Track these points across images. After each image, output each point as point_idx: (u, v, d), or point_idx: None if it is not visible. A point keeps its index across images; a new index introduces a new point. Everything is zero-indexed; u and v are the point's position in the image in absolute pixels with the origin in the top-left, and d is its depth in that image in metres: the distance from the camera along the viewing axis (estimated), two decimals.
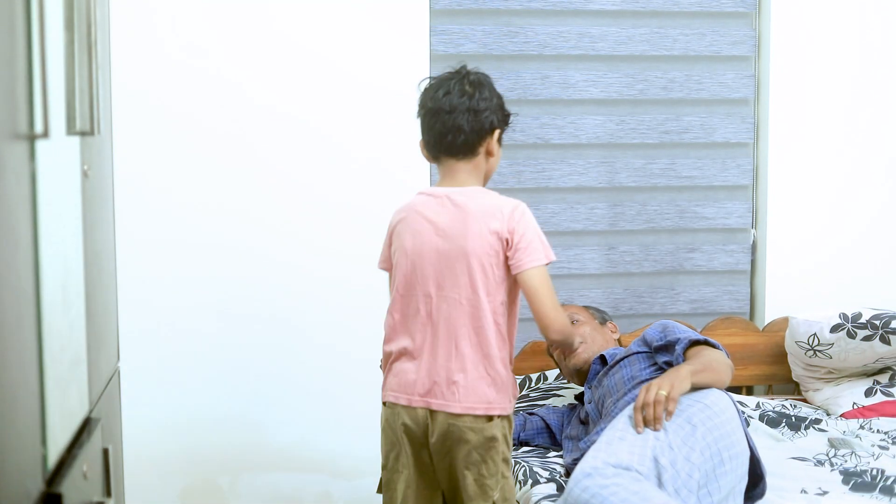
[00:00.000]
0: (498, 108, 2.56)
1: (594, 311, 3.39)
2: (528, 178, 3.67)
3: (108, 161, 2.51)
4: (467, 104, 2.51)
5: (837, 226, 3.79)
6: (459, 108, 2.50)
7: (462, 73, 2.57)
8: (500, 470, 2.47)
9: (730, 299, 3.81)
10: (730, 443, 2.59)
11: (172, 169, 3.40)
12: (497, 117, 2.55)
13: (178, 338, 3.44)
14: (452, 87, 2.53)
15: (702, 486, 2.52)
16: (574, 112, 3.69)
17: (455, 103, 2.51)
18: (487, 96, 2.54)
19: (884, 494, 2.75)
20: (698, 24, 3.73)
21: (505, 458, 2.50)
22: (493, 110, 2.54)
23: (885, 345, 3.39)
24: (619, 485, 2.33)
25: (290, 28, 3.43)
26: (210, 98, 3.40)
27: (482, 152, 2.55)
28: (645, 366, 2.95)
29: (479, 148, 2.54)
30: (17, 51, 1.45)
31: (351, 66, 3.48)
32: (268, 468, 3.53)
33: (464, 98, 2.51)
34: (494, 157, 2.58)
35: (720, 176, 3.77)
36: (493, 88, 2.57)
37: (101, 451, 2.06)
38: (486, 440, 2.44)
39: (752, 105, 3.79)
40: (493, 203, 2.50)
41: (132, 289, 3.29)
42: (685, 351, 2.88)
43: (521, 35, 3.63)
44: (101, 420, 2.09)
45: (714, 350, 2.86)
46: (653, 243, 3.77)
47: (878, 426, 3.34)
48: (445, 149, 2.53)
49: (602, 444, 2.51)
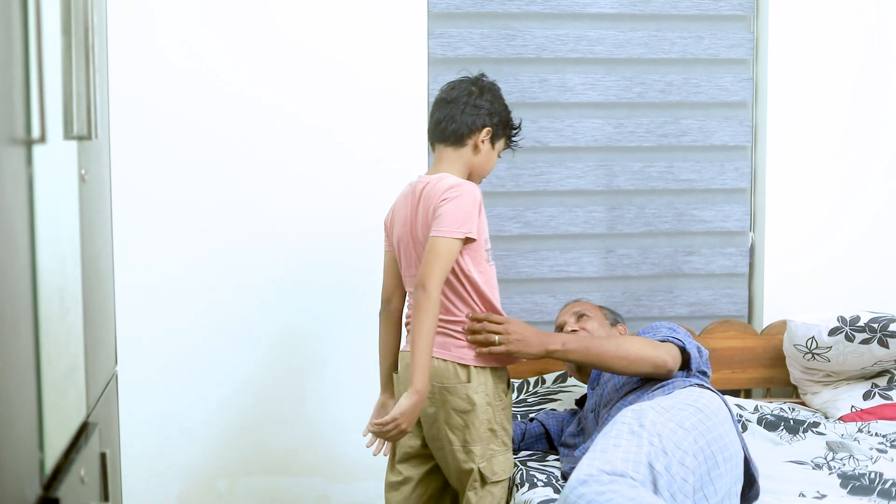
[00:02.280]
0: (496, 113, 2.77)
1: (608, 312, 3.38)
2: (527, 182, 3.66)
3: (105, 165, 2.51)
4: (466, 99, 2.75)
5: (835, 229, 3.79)
6: (459, 100, 2.75)
7: (475, 77, 2.82)
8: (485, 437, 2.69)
9: (728, 302, 3.81)
10: (723, 445, 2.58)
11: (170, 173, 3.40)
12: (492, 120, 2.75)
13: (175, 342, 3.44)
14: (461, 85, 2.80)
15: (697, 490, 2.51)
16: (572, 115, 3.69)
17: (457, 96, 2.77)
18: (490, 100, 2.78)
19: (882, 498, 2.74)
20: (696, 28, 3.73)
21: (491, 427, 2.70)
22: (491, 113, 2.76)
23: (883, 348, 3.39)
24: (614, 491, 2.33)
25: (289, 31, 3.43)
26: (208, 101, 3.40)
27: (470, 145, 2.74)
28: None
29: (467, 140, 2.75)
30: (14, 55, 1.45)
31: (350, 69, 3.48)
32: (266, 472, 3.52)
33: (466, 94, 2.76)
34: (482, 154, 2.75)
35: (718, 179, 3.77)
36: (498, 97, 2.80)
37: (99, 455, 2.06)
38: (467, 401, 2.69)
39: (749, 108, 3.79)
40: (442, 185, 2.66)
41: (130, 293, 3.29)
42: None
43: (519, 38, 3.63)
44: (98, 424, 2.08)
45: (649, 341, 2.90)
46: (651, 246, 3.77)
47: (877, 429, 3.33)
48: (438, 135, 2.78)
49: (597, 452, 2.50)
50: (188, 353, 3.45)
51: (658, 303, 3.77)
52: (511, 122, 2.84)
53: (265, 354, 3.49)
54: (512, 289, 3.69)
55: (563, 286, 3.72)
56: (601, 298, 3.73)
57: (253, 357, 3.47)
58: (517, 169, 3.66)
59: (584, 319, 3.24)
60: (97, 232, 2.26)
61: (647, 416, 2.58)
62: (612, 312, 3.40)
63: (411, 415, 2.59)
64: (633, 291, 3.78)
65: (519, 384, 3.54)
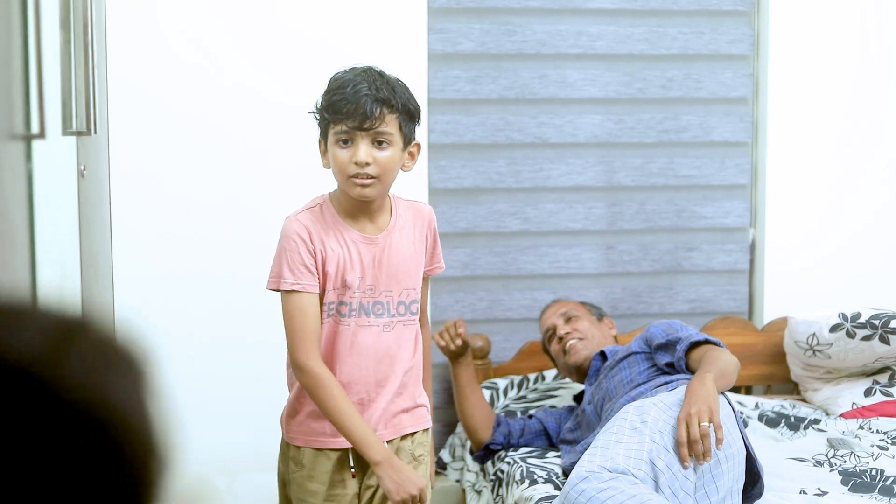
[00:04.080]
0: (318, 104, 2.41)
1: (591, 307, 3.38)
2: (526, 178, 3.66)
3: (104, 161, 2.51)
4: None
5: (836, 225, 3.78)
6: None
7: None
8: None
9: (728, 299, 3.80)
10: (725, 443, 2.58)
11: (170, 168, 3.39)
12: (316, 115, 2.43)
13: (175, 338, 3.43)
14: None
15: (699, 488, 2.51)
16: (572, 111, 3.68)
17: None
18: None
19: (883, 495, 2.74)
20: (697, 23, 3.73)
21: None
22: (318, 107, 2.43)
23: (884, 344, 3.38)
24: (615, 488, 2.33)
25: (288, 25, 3.42)
26: (208, 96, 3.39)
27: (322, 151, 2.42)
28: (644, 367, 2.94)
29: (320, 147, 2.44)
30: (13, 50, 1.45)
31: (350, 63, 3.46)
32: (266, 468, 3.51)
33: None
34: (326, 156, 2.39)
35: (719, 175, 3.76)
36: (329, 87, 2.41)
37: None
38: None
39: (750, 104, 3.78)
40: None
41: (128, 290, 3.28)
42: (688, 352, 2.86)
43: (519, 33, 3.62)
44: None
45: (721, 350, 2.82)
46: (651, 243, 3.77)
47: (878, 426, 3.33)
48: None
49: (598, 448, 2.50)
50: (187, 349, 3.44)
51: (658, 299, 3.77)
52: (318, 106, 2.39)
53: (266, 350, 3.47)
54: (512, 285, 3.68)
55: (563, 282, 3.71)
56: (601, 295, 3.72)
57: (253, 352, 3.46)
58: (517, 165, 3.66)
59: (574, 321, 3.24)
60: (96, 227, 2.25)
61: (650, 413, 2.58)
62: (594, 307, 3.40)
63: (401, 483, 2.27)
64: (633, 288, 3.77)
65: (519, 381, 3.54)
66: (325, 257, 2.33)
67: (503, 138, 3.65)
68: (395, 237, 2.39)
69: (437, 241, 2.50)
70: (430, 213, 2.50)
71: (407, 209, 2.45)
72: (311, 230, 2.34)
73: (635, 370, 2.94)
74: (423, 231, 2.45)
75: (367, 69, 2.38)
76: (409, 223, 2.43)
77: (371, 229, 2.38)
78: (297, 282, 2.32)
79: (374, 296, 2.37)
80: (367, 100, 2.27)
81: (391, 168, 2.31)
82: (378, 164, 2.28)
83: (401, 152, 2.33)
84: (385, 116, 2.28)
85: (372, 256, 2.36)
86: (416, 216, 2.45)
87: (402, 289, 2.39)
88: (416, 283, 2.43)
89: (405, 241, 2.41)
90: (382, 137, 2.28)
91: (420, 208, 2.49)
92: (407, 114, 2.33)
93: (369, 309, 2.36)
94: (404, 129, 2.32)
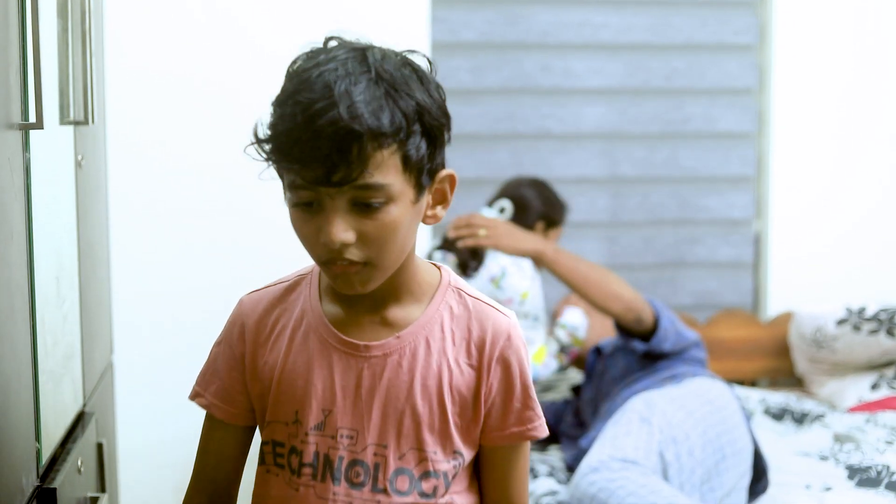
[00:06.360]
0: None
1: None
2: (529, 169, 3.63)
3: (102, 151, 2.49)
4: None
5: (842, 217, 3.75)
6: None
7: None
8: None
9: (733, 292, 3.78)
10: (732, 438, 2.59)
11: (168, 158, 3.36)
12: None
13: (173, 330, 3.41)
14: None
15: (705, 482, 2.53)
16: (575, 102, 3.66)
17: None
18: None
19: (889, 490, 2.73)
20: (701, 13, 3.70)
21: None
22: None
23: (891, 338, 3.37)
24: (626, 478, 2.35)
25: (290, 14, 3.40)
26: (207, 86, 3.36)
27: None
28: (628, 361, 2.94)
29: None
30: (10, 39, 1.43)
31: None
32: None
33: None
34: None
35: (723, 166, 3.74)
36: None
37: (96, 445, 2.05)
38: None
39: (755, 95, 3.76)
40: None
41: (126, 281, 3.26)
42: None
43: (522, 23, 3.60)
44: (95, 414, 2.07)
45: (624, 282, 2.86)
46: (655, 235, 3.75)
47: (884, 421, 3.30)
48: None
49: (607, 439, 2.52)
50: (186, 342, 3.41)
51: (662, 292, 3.74)
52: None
53: None
54: None
55: None
56: None
57: None
58: (520, 156, 3.63)
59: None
60: (93, 218, 2.24)
61: (658, 406, 2.60)
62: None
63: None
64: (636, 281, 3.73)
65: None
66: (266, 365, 1.49)
67: (505, 129, 3.62)
68: (418, 346, 1.37)
69: (518, 388, 1.39)
70: (504, 333, 1.38)
71: (461, 306, 1.39)
72: (260, 321, 1.54)
73: (620, 365, 2.94)
74: (475, 356, 1.37)
75: (349, 56, 1.43)
76: (456, 331, 1.39)
77: (374, 328, 1.40)
78: (202, 392, 1.59)
79: (352, 449, 1.39)
80: (333, 134, 1.28)
81: (393, 238, 1.31)
82: (366, 239, 1.30)
83: (411, 206, 1.32)
84: (371, 157, 1.27)
85: (356, 377, 1.38)
86: (473, 327, 1.38)
87: (409, 447, 1.38)
88: (447, 444, 1.38)
89: (437, 358, 1.37)
90: (370, 194, 1.29)
91: (486, 319, 1.39)
92: (421, 137, 1.32)
93: (339, 471, 1.39)
94: (413, 166, 1.31)
